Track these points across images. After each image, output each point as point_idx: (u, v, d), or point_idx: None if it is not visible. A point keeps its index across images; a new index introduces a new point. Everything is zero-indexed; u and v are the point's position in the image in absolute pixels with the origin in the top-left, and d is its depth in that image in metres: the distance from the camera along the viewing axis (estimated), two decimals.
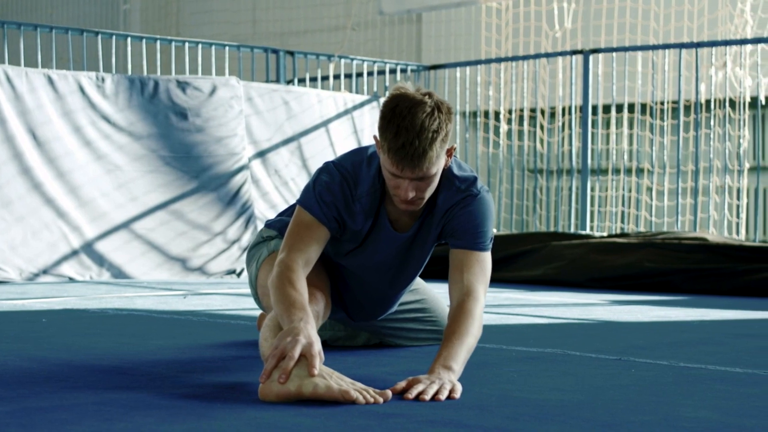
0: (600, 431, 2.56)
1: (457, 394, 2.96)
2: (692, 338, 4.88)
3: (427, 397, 2.90)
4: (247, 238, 9.30)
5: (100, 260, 8.56)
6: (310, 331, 2.92)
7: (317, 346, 2.88)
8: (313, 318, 3.02)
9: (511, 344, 4.33)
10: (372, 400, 2.82)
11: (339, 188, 3.38)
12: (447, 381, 2.99)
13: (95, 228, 8.64)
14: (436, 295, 4.23)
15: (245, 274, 9.04)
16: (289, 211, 3.81)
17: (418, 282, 4.13)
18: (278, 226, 3.77)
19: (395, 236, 3.51)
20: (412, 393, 2.91)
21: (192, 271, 8.96)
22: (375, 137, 3.27)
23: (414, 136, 3.08)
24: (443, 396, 2.92)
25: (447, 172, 3.41)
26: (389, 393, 2.87)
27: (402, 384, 2.98)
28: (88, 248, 8.54)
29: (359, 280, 3.70)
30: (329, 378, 2.85)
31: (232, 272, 9.08)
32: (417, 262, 3.66)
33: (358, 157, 3.45)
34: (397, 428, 2.53)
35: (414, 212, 3.47)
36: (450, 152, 3.25)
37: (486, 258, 3.43)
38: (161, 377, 3.26)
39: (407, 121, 3.08)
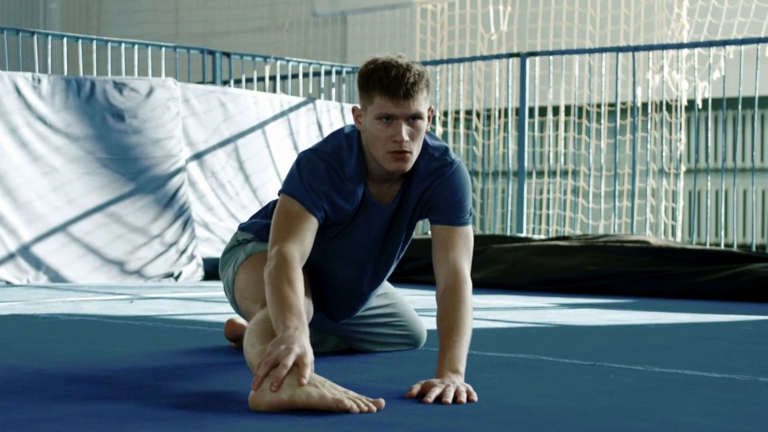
0: None
1: (475, 397, 2.97)
2: (656, 342, 4.88)
3: (449, 400, 2.89)
4: (185, 241, 9.17)
5: (37, 264, 8.39)
6: (304, 341, 2.86)
7: (310, 356, 2.83)
8: (306, 326, 2.96)
9: (480, 349, 4.28)
10: (366, 408, 2.77)
11: (326, 173, 3.36)
12: (460, 384, 3.00)
13: (32, 231, 8.47)
14: (405, 299, 4.19)
15: (183, 276, 8.93)
16: (261, 214, 3.76)
17: (387, 286, 4.09)
18: (254, 228, 3.70)
19: (381, 209, 3.50)
20: (431, 397, 2.91)
21: (130, 274, 8.82)
22: (354, 108, 3.34)
23: (404, 70, 3.21)
24: (464, 399, 2.93)
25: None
26: (382, 401, 2.82)
27: (417, 388, 2.98)
28: (25, 251, 8.37)
29: (341, 267, 3.65)
30: (322, 386, 2.80)
31: (170, 275, 8.96)
32: (397, 239, 3.63)
33: (335, 140, 3.45)
34: None
35: (394, 185, 3.47)
36: (430, 112, 3.32)
37: (468, 233, 3.48)
38: (140, 386, 3.18)
39: (393, 62, 3.24)
